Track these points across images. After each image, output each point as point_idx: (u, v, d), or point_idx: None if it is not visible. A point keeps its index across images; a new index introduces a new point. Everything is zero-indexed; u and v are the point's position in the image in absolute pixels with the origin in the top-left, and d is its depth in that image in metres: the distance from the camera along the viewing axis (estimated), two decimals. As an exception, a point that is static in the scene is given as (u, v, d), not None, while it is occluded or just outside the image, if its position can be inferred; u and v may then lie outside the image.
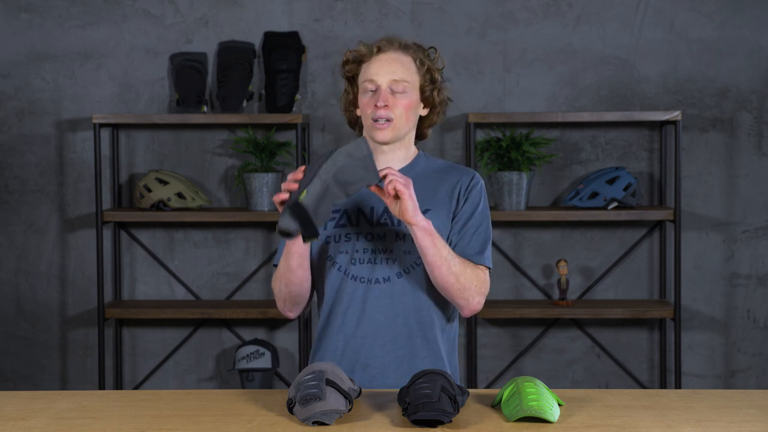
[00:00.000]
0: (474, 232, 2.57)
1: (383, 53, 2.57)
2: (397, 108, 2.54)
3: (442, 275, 2.49)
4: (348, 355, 2.58)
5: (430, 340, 2.58)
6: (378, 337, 2.57)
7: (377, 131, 2.55)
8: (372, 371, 2.56)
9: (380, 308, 2.56)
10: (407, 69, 2.56)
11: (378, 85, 2.54)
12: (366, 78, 2.56)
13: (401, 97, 2.55)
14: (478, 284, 2.53)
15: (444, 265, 2.47)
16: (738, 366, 4.72)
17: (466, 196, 2.59)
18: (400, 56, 2.57)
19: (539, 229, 4.73)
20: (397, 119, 2.55)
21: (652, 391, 2.49)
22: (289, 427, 2.17)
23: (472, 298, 2.53)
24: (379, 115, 2.53)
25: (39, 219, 4.76)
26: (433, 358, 2.58)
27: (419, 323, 2.58)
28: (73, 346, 4.80)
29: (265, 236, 4.76)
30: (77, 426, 2.20)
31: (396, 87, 2.54)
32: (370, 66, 2.57)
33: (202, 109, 4.59)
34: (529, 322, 4.74)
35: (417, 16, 4.66)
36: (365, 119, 2.57)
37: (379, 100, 2.53)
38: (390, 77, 2.54)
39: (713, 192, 4.68)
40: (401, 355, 2.57)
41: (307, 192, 2.31)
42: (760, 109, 4.65)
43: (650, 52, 4.65)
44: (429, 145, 4.65)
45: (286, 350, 4.76)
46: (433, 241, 2.45)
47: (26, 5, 4.71)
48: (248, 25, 4.69)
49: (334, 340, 2.60)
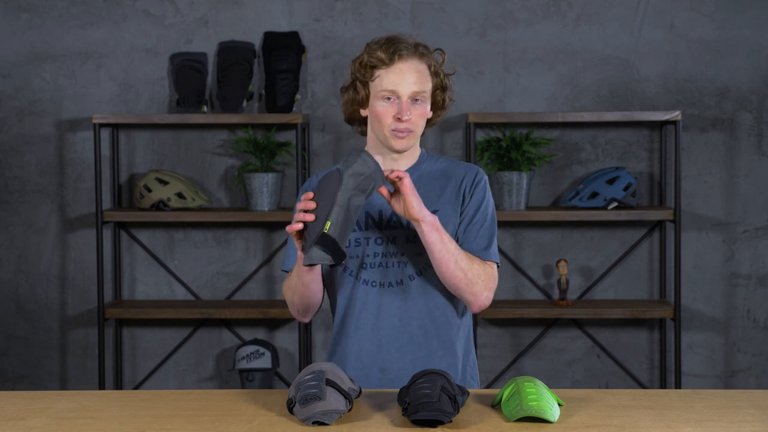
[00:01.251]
0: (480, 227, 2.58)
1: (403, 62, 2.54)
2: (415, 118, 2.55)
3: (450, 270, 2.49)
4: (364, 359, 2.58)
5: (445, 340, 2.59)
6: (394, 340, 2.57)
7: (397, 140, 2.55)
8: (390, 374, 2.57)
9: (394, 311, 2.57)
10: (425, 78, 2.56)
11: (399, 97, 2.53)
12: (385, 87, 2.53)
13: (419, 108, 2.55)
14: (486, 279, 2.53)
15: (451, 260, 2.47)
16: (738, 366, 4.72)
17: (471, 192, 2.59)
18: (418, 65, 2.55)
19: (539, 229, 4.73)
20: (416, 129, 2.56)
21: (652, 391, 2.49)
22: (289, 427, 2.17)
23: (480, 293, 2.53)
24: (401, 127, 2.53)
25: (39, 219, 4.76)
26: (450, 357, 2.59)
27: (434, 324, 2.58)
28: (73, 346, 4.80)
29: (265, 236, 4.76)
30: (77, 426, 2.20)
31: (416, 98, 2.54)
32: (390, 74, 2.53)
33: (202, 109, 4.59)
34: (529, 322, 4.74)
35: (417, 16, 4.66)
36: (382, 127, 2.55)
37: (403, 114, 2.52)
38: (411, 89, 2.53)
39: (713, 192, 4.68)
40: (418, 356, 2.57)
41: (332, 223, 2.32)
42: (760, 109, 4.65)
43: (650, 52, 4.65)
44: (429, 145, 4.65)
45: (286, 350, 4.76)
46: (440, 237, 2.46)
47: (26, 5, 4.71)
48: (248, 25, 4.69)
49: (349, 345, 2.60)
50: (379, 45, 2.56)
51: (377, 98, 2.55)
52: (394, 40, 2.56)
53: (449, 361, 2.59)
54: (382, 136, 2.57)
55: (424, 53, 2.57)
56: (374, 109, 2.56)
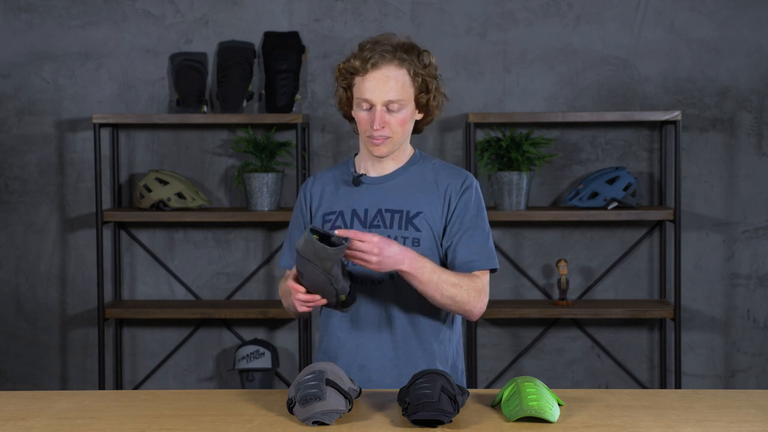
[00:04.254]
0: (472, 235, 2.57)
1: (377, 70, 2.52)
2: (393, 125, 2.54)
3: (437, 302, 2.52)
4: (344, 355, 2.59)
5: (423, 341, 2.59)
6: (373, 338, 2.58)
7: (374, 147, 2.56)
8: (368, 372, 2.58)
9: (374, 309, 2.57)
10: (401, 85, 2.53)
11: (373, 105, 2.53)
12: (360, 96, 2.54)
13: (396, 115, 2.54)
14: (476, 294, 2.53)
15: (437, 293, 2.49)
16: (738, 366, 4.72)
17: (458, 197, 2.58)
18: (394, 72, 2.52)
19: (539, 229, 4.73)
20: (393, 135, 2.56)
21: (652, 391, 2.49)
22: (289, 427, 2.17)
23: (473, 308, 2.54)
24: (376, 135, 2.54)
25: (39, 219, 4.76)
26: (429, 358, 2.59)
27: (413, 323, 2.59)
28: (73, 346, 4.80)
29: (265, 236, 4.76)
30: (77, 426, 2.20)
31: (391, 106, 2.53)
32: (364, 83, 2.53)
33: (202, 109, 4.59)
34: (529, 322, 4.74)
35: (417, 16, 4.66)
36: (362, 133, 2.58)
37: (375, 122, 2.52)
38: (385, 98, 2.52)
39: (713, 192, 4.68)
40: (397, 355, 2.58)
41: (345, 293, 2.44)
42: (760, 109, 4.65)
43: (650, 52, 4.65)
44: (429, 145, 4.65)
45: (286, 350, 4.76)
46: (419, 281, 2.47)
47: (26, 5, 4.71)
48: (248, 25, 4.69)
49: (332, 341, 2.62)
50: (360, 50, 2.55)
51: (356, 105, 2.57)
52: (374, 47, 2.53)
53: (429, 363, 2.58)
54: (362, 141, 2.60)
55: (404, 58, 2.53)
56: (356, 115, 2.58)
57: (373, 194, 2.59)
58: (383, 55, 2.52)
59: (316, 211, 2.64)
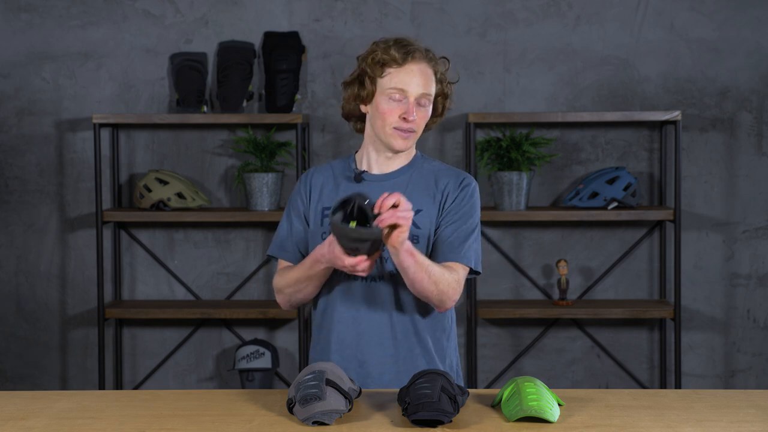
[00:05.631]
0: (459, 226, 2.59)
1: (415, 63, 2.57)
2: (420, 120, 2.59)
3: (423, 287, 2.51)
4: (343, 352, 2.60)
5: (423, 339, 2.60)
6: (374, 335, 2.59)
7: (399, 140, 2.58)
8: (367, 368, 2.58)
9: (375, 305, 2.58)
10: (432, 83, 2.60)
11: (407, 97, 2.56)
12: (395, 86, 2.56)
13: (423, 110, 2.59)
14: (454, 288, 2.54)
15: (425, 278, 2.49)
16: (738, 366, 4.72)
17: (456, 193, 2.61)
18: (427, 68, 2.59)
19: (539, 229, 4.73)
20: (417, 130, 2.60)
21: (652, 391, 2.49)
22: (289, 427, 2.17)
23: (449, 299, 2.55)
24: (405, 127, 2.57)
25: (39, 219, 4.76)
26: (428, 356, 2.60)
27: (413, 321, 2.59)
28: (73, 346, 4.80)
29: (265, 236, 4.76)
30: (77, 426, 2.20)
31: (422, 101, 2.58)
32: (400, 74, 2.56)
33: (202, 109, 4.59)
34: (529, 322, 4.74)
35: (417, 16, 4.66)
36: (385, 125, 2.58)
37: (409, 114, 2.55)
38: (420, 90, 2.57)
39: (713, 192, 4.68)
40: (397, 351, 2.59)
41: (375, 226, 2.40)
42: (760, 109, 4.65)
43: (650, 52, 4.65)
44: (429, 144, 4.65)
45: (286, 350, 4.76)
46: (415, 260, 2.46)
47: (26, 5, 4.71)
48: (248, 25, 4.69)
49: (330, 337, 2.62)
50: (392, 44, 2.59)
51: (384, 96, 2.57)
52: (406, 42, 2.60)
53: (429, 361, 2.60)
54: (383, 134, 2.59)
55: (433, 59, 2.61)
56: (379, 106, 2.58)
57: (374, 191, 2.59)
58: (419, 50, 2.59)
59: (315, 203, 2.65)
